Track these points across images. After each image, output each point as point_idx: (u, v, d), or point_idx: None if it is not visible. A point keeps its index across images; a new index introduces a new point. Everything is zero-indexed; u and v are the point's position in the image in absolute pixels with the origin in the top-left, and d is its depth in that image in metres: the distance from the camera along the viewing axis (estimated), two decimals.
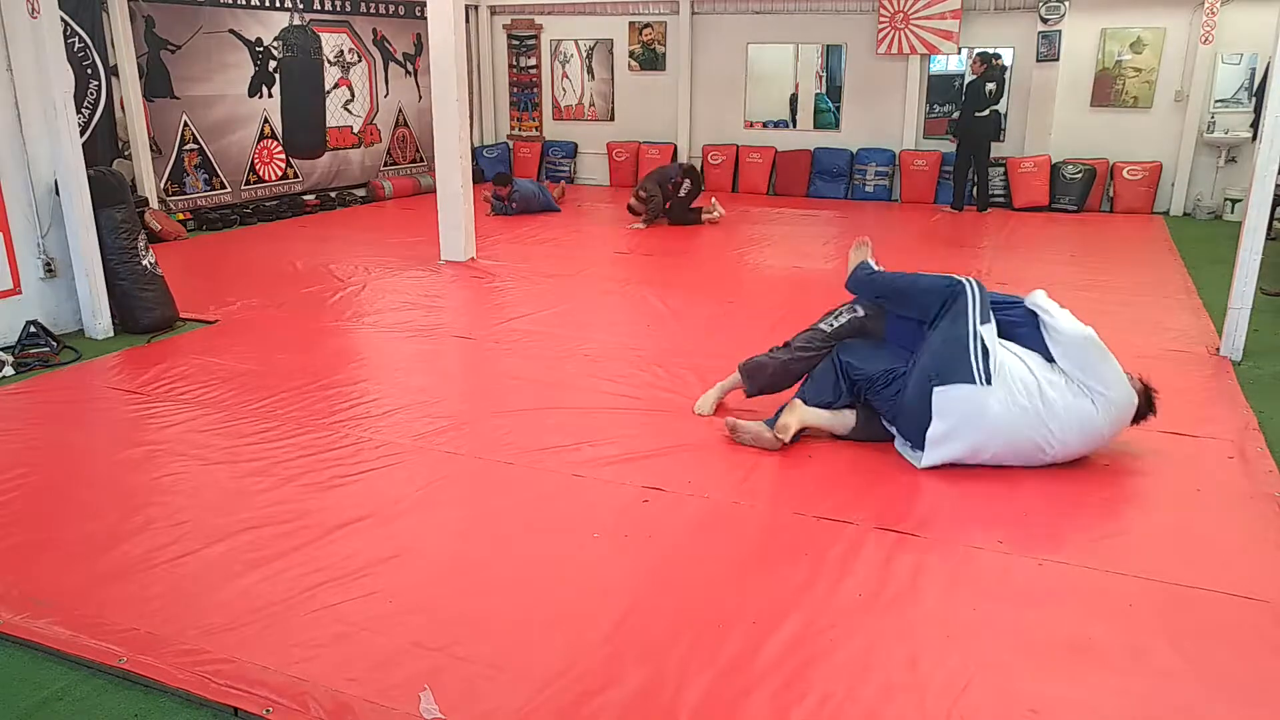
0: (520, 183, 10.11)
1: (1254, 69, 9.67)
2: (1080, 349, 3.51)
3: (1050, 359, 3.57)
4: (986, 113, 9.86)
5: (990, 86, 9.83)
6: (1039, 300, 3.68)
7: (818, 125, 11.93)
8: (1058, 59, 10.08)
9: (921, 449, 3.60)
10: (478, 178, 9.11)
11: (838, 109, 11.55)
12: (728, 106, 11.58)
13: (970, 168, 10.14)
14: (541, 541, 3.12)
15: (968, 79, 9.96)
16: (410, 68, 11.63)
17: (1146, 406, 3.62)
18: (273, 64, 9.77)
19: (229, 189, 9.50)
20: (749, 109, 11.64)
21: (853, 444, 3.86)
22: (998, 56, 9.89)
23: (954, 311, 3.58)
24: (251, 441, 3.93)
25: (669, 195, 9.18)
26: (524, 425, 4.11)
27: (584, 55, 12.29)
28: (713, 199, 9.84)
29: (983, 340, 3.50)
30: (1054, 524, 3.25)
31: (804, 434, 3.90)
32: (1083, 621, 2.66)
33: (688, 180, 9.21)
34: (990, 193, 10.48)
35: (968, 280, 3.66)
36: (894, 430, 3.78)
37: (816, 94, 12.04)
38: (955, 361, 3.50)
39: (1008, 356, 3.52)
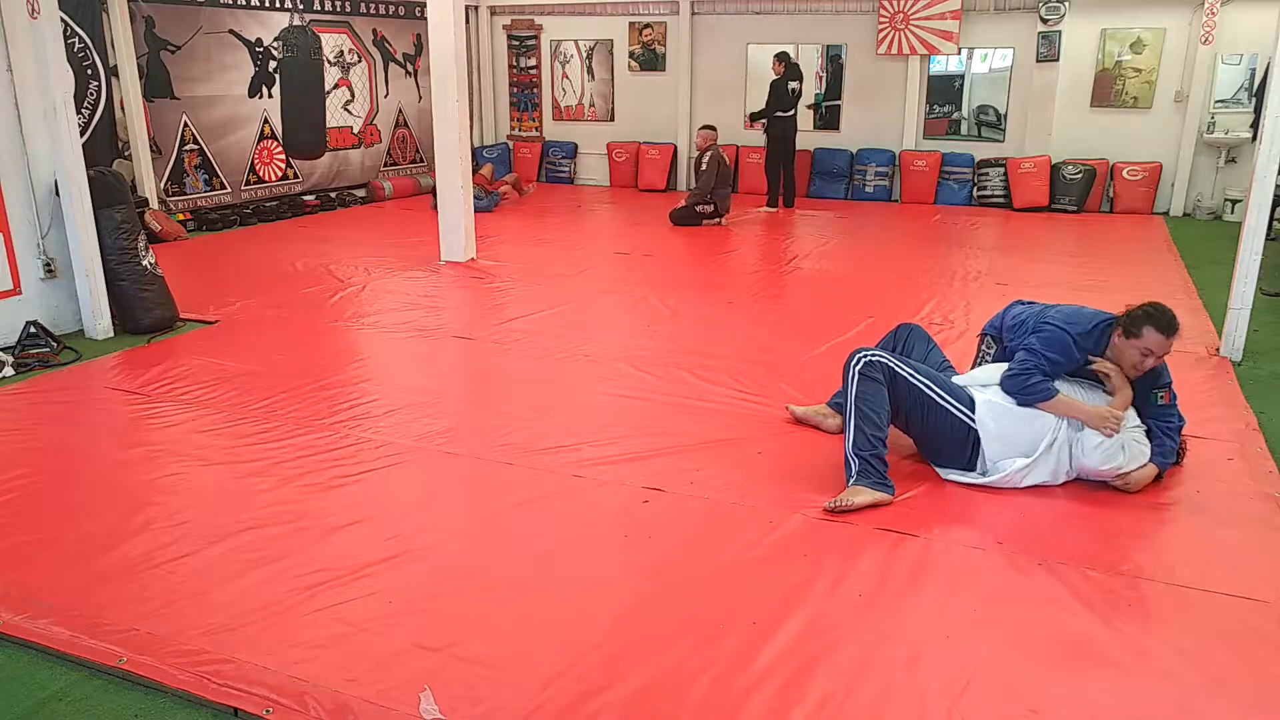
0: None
1: (1254, 69, 9.67)
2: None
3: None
4: (790, 112, 10.04)
5: (794, 85, 10.00)
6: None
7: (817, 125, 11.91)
8: (1058, 59, 10.08)
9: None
10: None
11: (831, 105, 11.55)
12: (728, 107, 11.58)
13: (780, 165, 10.25)
14: (541, 542, 3.12)
15: (771, 80, 10.03)
16: (410, 68, 11.63)
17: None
18: (273, 64, 9.77)
19: (229, 189, 9.50)
20: (749, 109, 11.63)
21: None
22: (788, 56, 10.07)
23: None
24: (252, 442, 3.93)
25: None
26: (524, 425, 4.11)
27: (584, 55, 12.29)
28: None
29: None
30: (1053, 524, 3.24)
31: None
32: (1083, 621, 2.66)
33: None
34: (990, 193, 10.49)
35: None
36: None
37: (816, 94, 12.03)
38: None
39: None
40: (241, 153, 9.60)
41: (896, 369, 3.45)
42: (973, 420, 3.46)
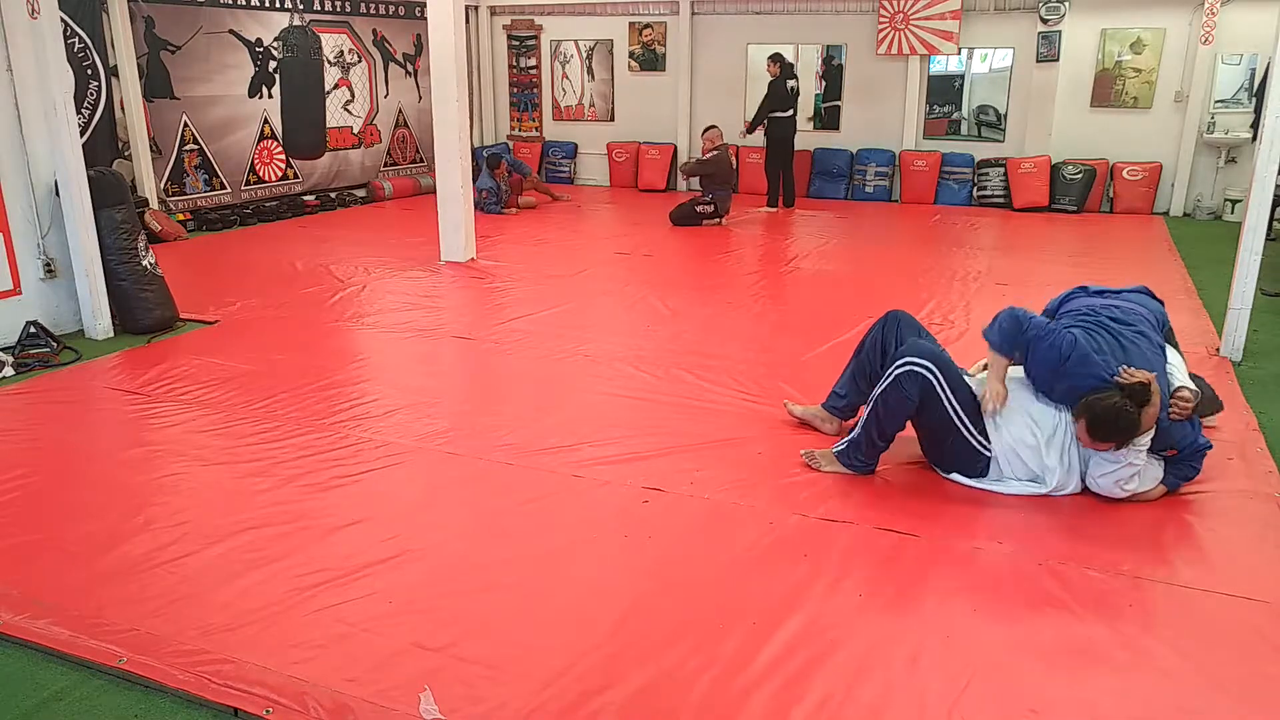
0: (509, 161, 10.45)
1: (1254, 69, 9.67)
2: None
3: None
4: (789, 112, 10.04)
5: (792, 84, 10.02)
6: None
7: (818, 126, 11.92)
8: (1058, 59, 10.08)
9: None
10: (476, 177, 9.11)
11: (830, 105, 11.56)
12: (728, 107, 11.58)
13: (780, 165, 10.26)
14: (541, 542, 3.12)
15: (769, 80, 10.03)
16: (410, 68, 11.63)
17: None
18: (273, 64, 9.77)
19: (229, 189, 9.50)
20: (749, 109, 11.62)
21: None
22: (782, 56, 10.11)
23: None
24: (251, 442, 3.93)
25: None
26: (524, 425, 4.11)
27: (584, 56, 12.29)
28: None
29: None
30: (1053, 525, 3.24)
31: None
32: (1083, 621, 2.66)
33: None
34: (990, 193, 10.49)
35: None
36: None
37: (816, 94, 12.04)
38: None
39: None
40: (241, 153, 9.60)
41: (937, 388, 3.32)
42: (989, 451, 3.43)
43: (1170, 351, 3.49)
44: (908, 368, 3.35)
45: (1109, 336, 3.37)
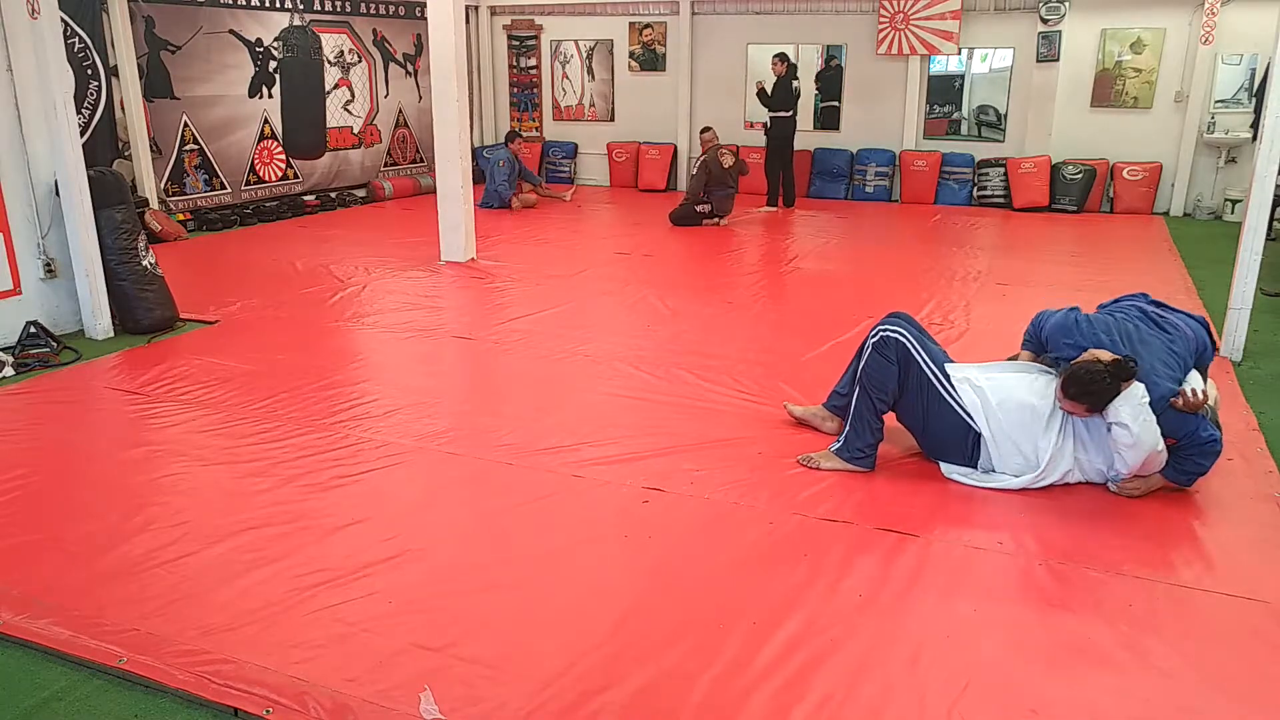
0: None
1: (1254, 69, 9.67)
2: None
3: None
4: (790, 112, 10.06)
5: (796, 84, 10.04)
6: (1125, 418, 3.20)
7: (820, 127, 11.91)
8: (1058, 59, 10.08)
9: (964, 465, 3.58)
10: (477, 178, 9.11)
11: (830, 105, 11.55)
12: (728, 107, 11.58)
13: (780, 165, 10.27)
14: (541, 541, 3.12)
15: (774, 80, 10.02)
16: (410, 68, 11.63)
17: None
18: (273, 64, 9.77)
19: (229, 189, 9.50)
20: (749, 109, 11.63)
21: None
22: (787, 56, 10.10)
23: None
24: (252, 442, 3.93)
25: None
26: (524, 425, 4.11)
27: (584, 56, 12.30)
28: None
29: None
30: (1053, 525, 3.24)
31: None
32: (1083, 621, 2.66)
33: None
34: (990, 193, 10.49)
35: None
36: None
37: (815, 93, 12.03)
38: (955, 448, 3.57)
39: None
40: (241, 153, 9.60)
41: (913, 353, 3.49)
42: (975, 422, 3.46)
43: (1193, 372, 3.47)
44: (880, 335, 3.55)
45: (1130, 326, 3.46)
